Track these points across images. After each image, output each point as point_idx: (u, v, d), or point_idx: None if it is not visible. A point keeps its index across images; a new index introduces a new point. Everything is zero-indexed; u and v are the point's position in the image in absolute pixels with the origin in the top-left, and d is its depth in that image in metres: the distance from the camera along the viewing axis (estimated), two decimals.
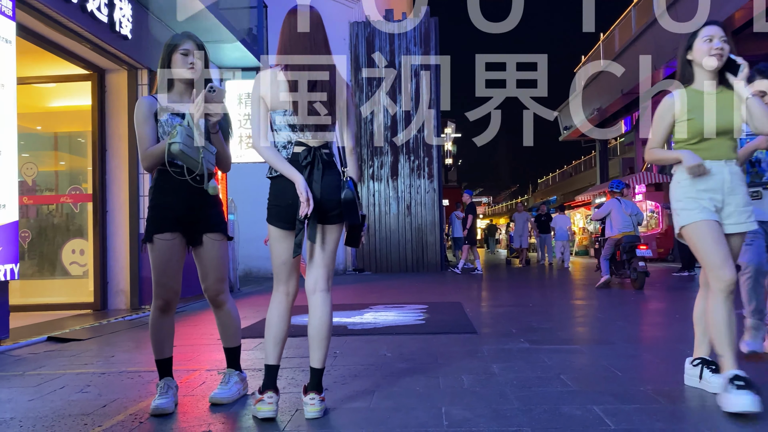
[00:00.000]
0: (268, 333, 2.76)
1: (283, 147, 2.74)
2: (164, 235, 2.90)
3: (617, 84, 20.19)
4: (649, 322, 5.75)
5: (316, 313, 2.78)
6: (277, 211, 2.76)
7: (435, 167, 14.83)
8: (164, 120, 2.92)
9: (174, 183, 2.90)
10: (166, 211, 2.91)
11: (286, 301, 2.84)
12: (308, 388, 2.71)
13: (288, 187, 2.67)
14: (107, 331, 5.55)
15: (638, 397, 2.91)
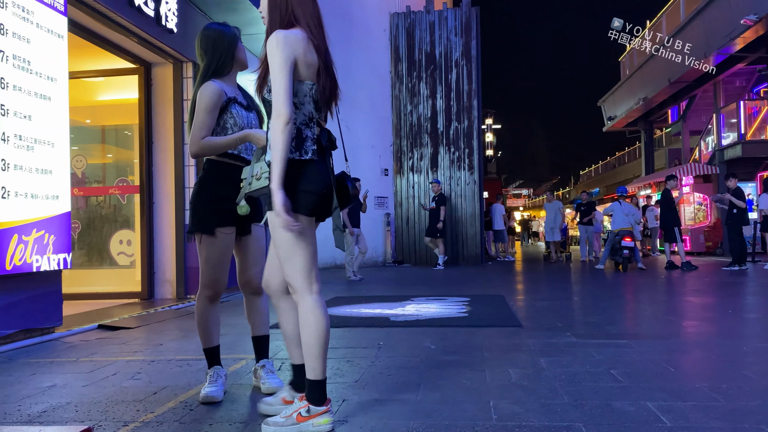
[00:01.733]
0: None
1: (304, 124, 2.41)
2: (226, 229, 2.91)
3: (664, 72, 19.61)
4: (700, 317, 5.58)
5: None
6: (313, 199, 2.38)
7: (476, 159, 14.68)
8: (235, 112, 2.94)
9: (231, 174, 2.91)
10: (224, 203, 2.90)
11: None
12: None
13: (325, 171, 2.44)
14: (155, 319, 5.67)
15: (694, 394, 2.82)
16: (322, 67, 2.42)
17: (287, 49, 2.30)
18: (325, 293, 8.01)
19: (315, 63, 2.39)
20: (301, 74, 2.37)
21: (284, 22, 2.38)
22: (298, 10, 2.41)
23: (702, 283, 8.82)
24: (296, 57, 2.32)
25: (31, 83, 4.49)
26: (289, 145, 2.27)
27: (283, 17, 2.39)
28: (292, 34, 2.34)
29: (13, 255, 4.24)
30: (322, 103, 2.47)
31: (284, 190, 2.27)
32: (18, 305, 4.42)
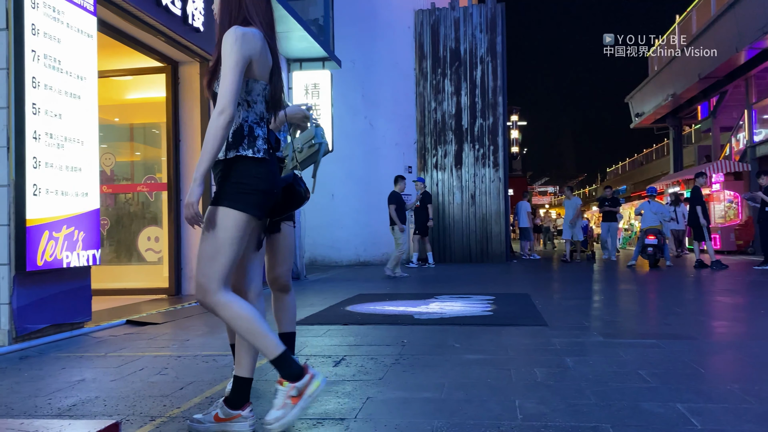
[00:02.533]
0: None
1: (256, 123, 2.37)
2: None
3: (694, 68, 19.24)
4: (731, 317, 5.47)
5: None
6: (258, 199, 2.33)
7: (501, 156, 14.57)
8: None
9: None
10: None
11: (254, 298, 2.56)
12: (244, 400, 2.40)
13: (276, 172, 2.41)
14: (181, 315, 5.73)
15: (725, 396, 2.76)
16: (275, 69, 2.43)
17: (245, 46, 2.27)
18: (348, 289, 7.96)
19: (269, 63, 2.40)
20: (255, 73, 2.34)
21: (237, 20, 2.36)
22: (252, 9, 2.39)
23: (732, 282, 8.64)
24: (252, 56, 2.29)
25: (62, 82, 4.57)
26: (222, 143, 2.22)
27: (235, 16, 2.37)
28: (251, 33, 2.30)
29: (44, 251, 4.32)
30: (272, 104, 2.46)
31: (232, 186, 2.28)
32: (49, 301, 4.51)
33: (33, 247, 4.24)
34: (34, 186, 4.26)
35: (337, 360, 3.66)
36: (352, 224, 14.28)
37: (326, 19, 10.48)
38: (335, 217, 14.14)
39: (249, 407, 2.36)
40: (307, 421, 2.51)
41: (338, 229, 14.24)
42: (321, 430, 2.39)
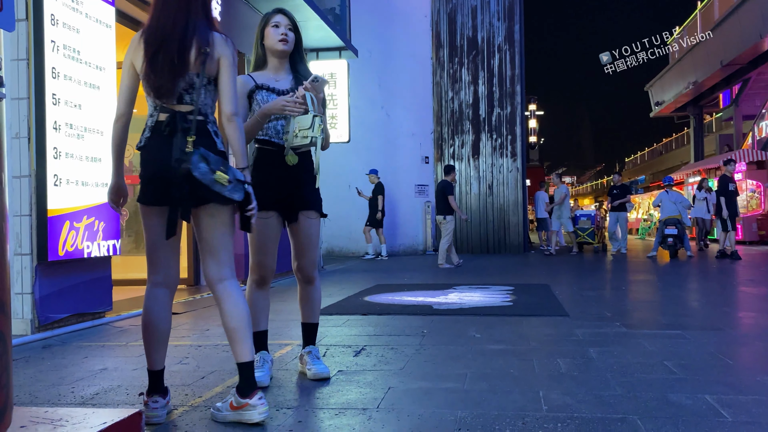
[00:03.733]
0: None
1: (149, 116, 2.48)
2: (261, 213, 2.92)
3: (716, 55, 18.90)
4: (756, 308, 5.37)
5: (234, 301, 2.47)
6: (144, 186, 2.48)
7: (518, 146, 14.45)
8: (260, 98, 2.93)
9: (270, 161, 2.92)
10: (263, 189, 2.92)
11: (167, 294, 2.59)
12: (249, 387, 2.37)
13: (157, 157, 2.41)
14: (201, 305, 5.75)
15: (755, 387, 2.70)
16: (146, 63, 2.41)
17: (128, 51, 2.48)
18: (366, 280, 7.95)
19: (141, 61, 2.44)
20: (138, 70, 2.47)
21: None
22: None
23: (756, 272, 8.50)
24: (130, 57, 2.47)
25: (81, 72, 4.57)
26: (120, 140, 2.56)
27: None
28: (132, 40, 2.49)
29: (65, 241, 4.35)
30: (156, 93, 2.43)
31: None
32: (70, 290, 4.54)
33: (54, 237, 4.26)
34: (54, 176, 4.28)
35: (357, 350, 3.64)
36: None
37: (343, 8, 10.41)
38: (352, 208, 14.11)
39: (257, 395, 2.34)
40: (328, 410, 2.49)
41: (355, 220, 14.21)
42: (343, 419, 2.37)
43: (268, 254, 2.96)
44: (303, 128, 2.77)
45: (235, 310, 2.43)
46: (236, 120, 2.43)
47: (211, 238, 2.52)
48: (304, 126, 2.77)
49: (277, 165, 2.90)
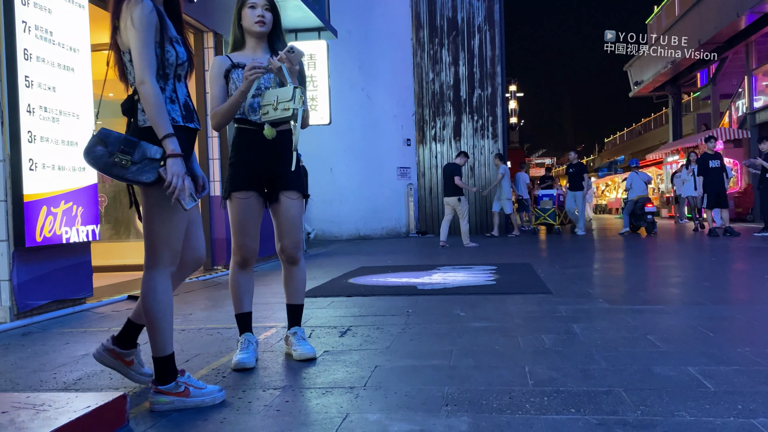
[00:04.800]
0: None
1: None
2: (240, 193, 2.90)
3: (694, 34, 19.02)
4: (736, 283, 5.46)
5: (154, 295, 2.37)
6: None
7: (499, 127, 14.47)
8: (236, 77, 2.89)
9: (249, 140, 2.89)
10: (242, 169, 2.90)
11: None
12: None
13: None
14: (183, 290, 5.70)
15: (736, 358, 2.74)
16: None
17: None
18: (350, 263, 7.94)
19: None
20: None
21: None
22: None
23: (734, 249, 8.63)
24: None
25: (54, 54, 4.46)
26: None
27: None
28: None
29: (42, 227, 4.27)
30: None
31: None
32: (50, 276, 4.46)
33: (31, 222, 4.18)
34: (30, 161, 4.19)
35: (342, 330, 3.64)
36: (352, 198, 14.21)
37: None
38: (335, 191, 14.06)
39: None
40: (315, 390, 2.48)
41: (338, 203, 14.18)
42: (330, 398, 2.36)
43: (249, 235, 2.92)
44: (283, 100, 2.68)
45: (147, 303, 2.35)
46: (143, 88, 2.20)
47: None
48: (284, 98, 2.69)
49: (256, 144, 2.86)
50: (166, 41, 2.29)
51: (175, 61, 2.32)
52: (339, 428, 2.04)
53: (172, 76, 2.33)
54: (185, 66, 2.39)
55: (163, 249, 2.32)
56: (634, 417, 2.05)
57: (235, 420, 2.17)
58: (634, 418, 2.04)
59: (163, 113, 2.22)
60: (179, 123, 2.31)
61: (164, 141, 2.20)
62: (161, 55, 2.28)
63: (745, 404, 2.14)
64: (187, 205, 2.22)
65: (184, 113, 2.35)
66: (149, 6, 2.24)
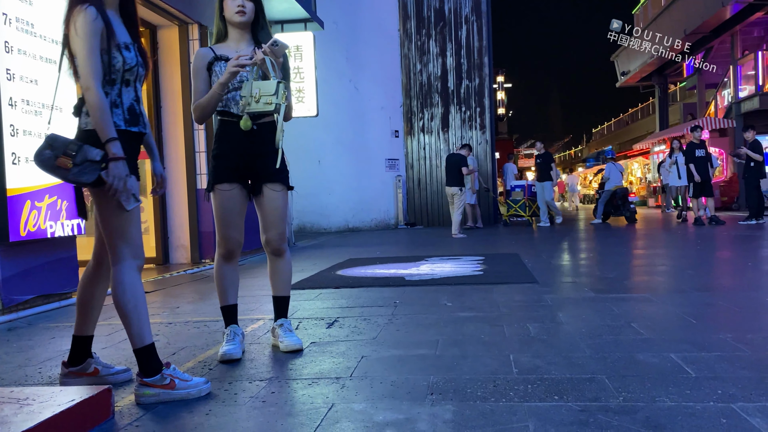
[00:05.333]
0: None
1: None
2: (223, 186, 2.90)
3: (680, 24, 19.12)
4: (720, 270, 5.52)
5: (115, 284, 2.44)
6: None
7: (487, 118, 14.48)
8: (218, 70, 2.88)
9: (231, 133, 2.88)
10: (225, 161, 2.90)
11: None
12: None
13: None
14: (170, 284, 5.69)
15: (718, 345, 2.78)
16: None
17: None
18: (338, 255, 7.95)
19: None
20: None
21: None
22: None
23: (719, 237, 8.72)
24: None
25: (36, 47, 4.41)
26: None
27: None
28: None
29: (26, 221, 4.23)
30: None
31: None
32: (35, 271, 4.43)
33: (15, 217, 4.15)
34: (12, 155, 4.15)
35: (330, 322, 3.65)
36: (340, 190, 14.19)
37: None
38: (323, 183, 14.05)
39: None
40: (302, 381, 2.49)
41: (326, 195, 14.16)
42: (317, 389, 2.37)
43: (232, 227, 2.92)
44: (266, 94, 2.68)
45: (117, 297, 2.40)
46: (87, 94, 2.27)
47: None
48: (267, 92, 2.68)
49: (238, 136, 2.85)
50: (112, 47, 2.34)
51: (121, 67, 2.37)
52: (324, 418, 2.05)
53: (118, 81, 2.38)
54: (134, 71, 2.43)
55: (121, 244, 2.39)
56: (617, 403, 2.08)
57: (220, 412, 2.17)
58: (617, 404, 2.06)
59: (107, 118, 2.28)
60: (121, 127, 2.37)
61: (107, 145, 2.26)
62: (107, 61, 2.33)
63: (725, 389, 2.17)
64: (129, 206, 2.32)
65: (128, 117, 2.41)
66: (93, 13, 2.28)
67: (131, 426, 2.07)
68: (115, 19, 2.42)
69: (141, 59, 2.47)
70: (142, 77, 2.52)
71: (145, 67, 2.51)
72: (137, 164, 2.50)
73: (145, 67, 2.51)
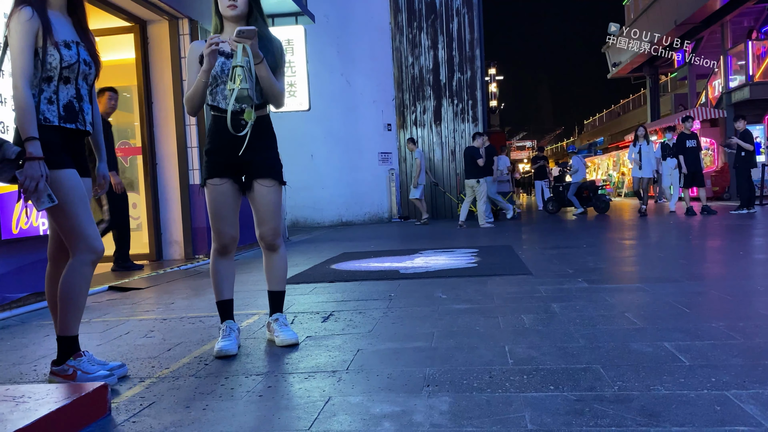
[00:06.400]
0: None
1: None
2: (214, 180, 2.90)
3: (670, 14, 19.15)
4: (712, 259, 5.55)
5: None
6: None
7: (479, 110, 14.49)
8: None
9: (221, 127, 2.88)
10: (216, 156, 2.90)
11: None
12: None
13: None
14: (164, 280, 5.67)
15: (711, 333, 2.80)
16: None
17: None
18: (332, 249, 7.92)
19: None
20: None
21: None
22: None
23: (711, 226, 8.77)
24: None
25: None
26: None
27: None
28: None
29: (18, 219, 4.21)
30: None
31: None
32: (28, 269, 4.41)
33: (7, 215, 4.13)
34: None
35: (325, 316, 3.65)
36: (333, 184, 14.18)
37: None
38: (316, 177, 14.03)
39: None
40: (298, 375, 2.49)
41: (319, 189, 14.15)
42: (313, 382, 2.38)
43: (225, 221, 2.92)
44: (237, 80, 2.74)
45: (62, 284, 2.46)
46: (14, 93, 2.32)
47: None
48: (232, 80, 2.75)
49: (227, 131, 2.85)
50: (49, 45, 2.38)
51: (58, 65, 2.41)
52: (321, 411, 2.06)
53: (56, 79, 2.42)
54: (74, 69, 2.46)
55: (71, 238, 2.43)
56: (612, 392, 2.09)
57: (217, 407, 2.17)
58: (612, 394, 2.08)
59: (29, 118, 2.30)
60: (54, 123, 2.41)
61: (25, 143, 2.28)
62: (43, 59, 2.37)
63: (719, 377, 2.19)
64: (40, 206, 2.31)
65: (63, 114, 2.44)
66: (28, 13, 2.33)
67: (128, 422, 2.07)
68: (59, 18, 2.47)
69: (90, 58, 2.53)
70: (90, 76, 2.57)
71: (96, 66, 2.58)
72: (87, 161, 2.60)
73: (96, 66, 2.58)
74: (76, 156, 2.51)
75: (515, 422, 1.88)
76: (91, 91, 2.62)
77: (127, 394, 2.35)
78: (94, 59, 2.56)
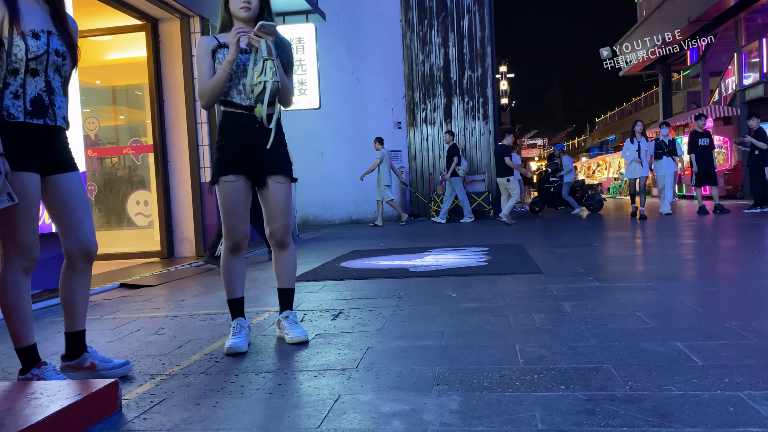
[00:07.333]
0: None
1: None
2: (227, 177, 2.90)
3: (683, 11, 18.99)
4: (724, 258, 5.50)
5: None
6: None
7: (490, 108, 14.42)
8: (221, 57, 2.87)
9: (233, 124, 2.88)
10: (228, 153, 2.90)
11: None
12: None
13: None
14: (175, 277, 5.70)
15: (724, 333, 2.77)
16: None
17: None
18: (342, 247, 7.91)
19: None
20: None
21: None
22: None
23: (724, 225, 8.70)
24: None
25: None
26: None
27: None
28: None
29: None
30: None
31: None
32: (40, 266, 4.41)
33: None
34: None
35: (335, 313, 3.65)
36: (343, 182, 14.16)
37: None
38: (326, 175, 14.04)
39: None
40: (308, 372, 2.49)
41: (329, 187, 14.16)
42: (323, 380, 2.38)
43: (238, 219, 2.93)
44: (258, 75, 2.76)
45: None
46: None
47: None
48: (258, 72, 2.76)
49: (240, 127, 2.85)
50: (15, 35, 2.24)
51: (24, 56, 2.26)
52: (331, 410, 2.06)
53: (22, 71, 2.28)
54: (44, 60, 2.31)
55: (5, 245, 2.33)
56: (623, 392, 2.07)
57: (227, 404, 2.18)
58: (623, 394, 2.06)
59: None
60: (19, 119, 2.27)
61: None
62: (8, 50, 2.24)
63: (732, 377, 2.17)
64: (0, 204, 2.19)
65: (30, 109, 2.30)
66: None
67: (138, 419, 2.08)
68: (31, 6, 2.32)
69: (64, 48, 2.37)
70: (64, 67, 2.40)
71: (71, 57, 2.41)
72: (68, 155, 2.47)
73: (71, 57, 2.41)
74: (47, 153, 2.37)
75: (526, 422, 1.87)
76: (65, 84, 2.45)
77: (138, 391, 2.37)
78: (70, 49, 2.40)
